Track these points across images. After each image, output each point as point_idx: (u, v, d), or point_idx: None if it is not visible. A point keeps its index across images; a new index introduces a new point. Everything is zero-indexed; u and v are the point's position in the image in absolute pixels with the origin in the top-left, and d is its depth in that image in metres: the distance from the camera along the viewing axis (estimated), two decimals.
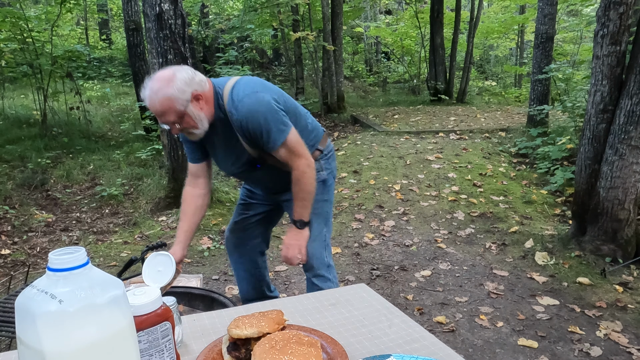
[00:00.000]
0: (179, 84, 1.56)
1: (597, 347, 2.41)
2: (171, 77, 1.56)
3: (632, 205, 3.23)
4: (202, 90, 1.63)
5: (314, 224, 1.94)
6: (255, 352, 0.84)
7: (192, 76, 1.60)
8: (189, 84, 1.58)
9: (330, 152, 2.01)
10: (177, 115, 1.59)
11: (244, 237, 2.17)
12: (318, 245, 1.97)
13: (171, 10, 4.05)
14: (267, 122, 1.64)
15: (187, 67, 1.65)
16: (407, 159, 5.76)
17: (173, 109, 1.57)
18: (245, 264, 2.22)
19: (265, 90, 1.70)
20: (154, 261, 1.49)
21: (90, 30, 15.02)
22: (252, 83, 1.70)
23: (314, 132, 1.93)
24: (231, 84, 1.70)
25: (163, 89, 1.55)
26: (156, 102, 1.56)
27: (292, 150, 1.71)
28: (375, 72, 15.70)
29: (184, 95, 1.57)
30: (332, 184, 2.03)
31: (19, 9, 6.20)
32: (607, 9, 3.18)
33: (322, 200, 1.95)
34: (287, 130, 1.69)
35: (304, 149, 1.75)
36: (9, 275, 3.31)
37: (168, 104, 1.56)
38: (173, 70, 1.59)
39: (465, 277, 3.25)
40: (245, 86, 1.68)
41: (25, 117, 7.13)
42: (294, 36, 8.54)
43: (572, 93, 6.18)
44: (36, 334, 0.57)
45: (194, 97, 1.60)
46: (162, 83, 1.55)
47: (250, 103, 1.63)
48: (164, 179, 4.85)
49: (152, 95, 1.56)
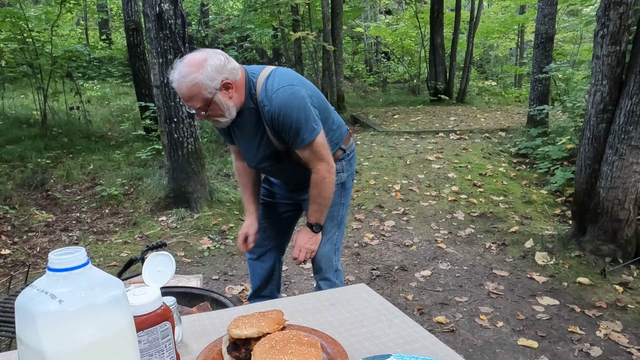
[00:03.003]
0: (209, 70, 1.50)
1: (597, 347, 2.41)
2: (201, 63, 1.50)
3: (632, 205, 3.23)
4: (233, 78, 1.56)
5: (326, 226, 1.92)
6: (255, 352, 0.84)
7: (224, 63, 1.54)
8: (219, 71, 1.52)
9: (352, 152, 1.96)
10: (204, 102, 1.54)
11: (266, 236, 2.14)
12: (329, 248, 1.95)
13: (171, 10, 4.05)
14: (299, 119, 1.58)
15: (221, 52, 1.57)
16: (407, 159, 5.75)
17: (200, 96, 1.52)
18: (264, 263, 2.18)
19: (302, 84, 1.63)
20: (154, 261, 1.49)
21: (90, 30, 15.02)
22: (288, 75, 1.63)
23: (339, 130, 1.87)
24: (266, 73, 1.63)
25: (192, 74, 1.49)
26: (184, 86, 1.51)
27: (316, 153, 1.67)
28: (375, 72, 15.71)
29: (213, 83, 1.51)
30: (351, 187, 1.99)
31: (19, 9, 6.20)
32: (607, 9, 3.18)
33: (339, 203, 1.92)
34: (317, 130, 1.63)
35: (329, 153, 1.71)
36: (9, 275, 3.31)
37: (196, 90, 1.51)
38: (205, 55, 1.52)
39: (465, 277, 3.25)
40: (281, 78, 1.61)
41: (25, 117, 7.13)
42: (294, 36, 8.54)
43: (572, 93, 6.18)
44: (36, 334, 0.57)
45: (224, 85, 1.54)
46: (192, 68, 1.49)
47: (285, 96, 1.56)
48: (164, 179, 4.85)
49: (180, 79, 1.51)
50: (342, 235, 2.01)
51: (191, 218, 4.30)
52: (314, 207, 1.79)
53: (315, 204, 1.78)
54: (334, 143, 1.84)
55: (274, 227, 2.13)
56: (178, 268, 3.35)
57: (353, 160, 1.98)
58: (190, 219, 4.27)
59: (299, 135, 1.61)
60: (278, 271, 2.26)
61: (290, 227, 2.23)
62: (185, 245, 3.83)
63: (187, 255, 3.65)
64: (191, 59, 1.52)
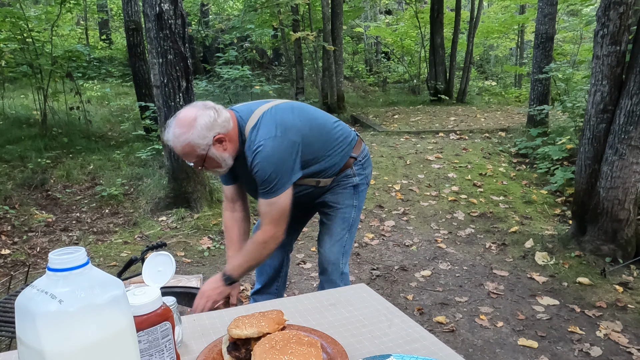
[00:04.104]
0: (200, 129, 1.53)
1: (597, 347, 2.41)
2: (192, 122, 1.53)
3: (632, 205, 3.23)
4: (225, 131, 1.58)
5: (336, 228, 1.90)
6: (255, 352, 0.84)
7: (214, 118, 1.55)
8: (210, 128, 1.54)
9: (364, 157, 1.94)
10: (199, 158, 1.58)
11: None
12: (337, 250, 1.93)
13: (171, 10, 4.05)
14: (271, 176, 1.60)
15: (211, 105, 1.59)
16: (407, 159, 5.76)
17: (195, 153, 1.57)
18: (273, 260, 2.17)
19: (286, 132, 1.62)
20: (154, 261, 1.49)
21: (90, 30, 15.01)
22: (274, 123, 1.62)
23: (345, 142, 1.85)
24: (254, 120, 1.64)
25: (183, 135, 1.53)
26: (178, 146, 1.56)
27: (272, 213, 1.66)
28: (375, 72, 15.70)
29: (205, 140, 1.54)
30: (365, 190, 1.96)
31: (19, 9, 6.20)
32: (607, 9, 3.17)
33: (350, 205, 1.91)
34: (282, 190, 1.63)
35: (283, 219, 1.68)
36: (9, 275, 3.31)
37: (189, 149, 1.55)
38: (195, 114, 1.54)
39: (465, 277, 3.25)
40: (265, 128, 1.61)
41: (25, 117, 7.12)
42: (294, 36, 8.54)
43: (572, 93, 6.18)
44: (36, 334, 0.57)
45: (216, 140, 1.57)
46: (183, 129, 1.53)
47: (264, 152, 1.58)
48: (164, 179, 4.85)
49: (174, 139, 1.55)
50: (352, 239, 1.98)
51: (191, 218, 4.30)
52: (238, 260, 1.71)
53: (242, 258, 1.71)
54: (343, 155, 1.84)
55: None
56: (178, 268, 3.35)
57: (367, 163, 1.96)
58: (190, 219, 4.27)
59: (266, 189, 1.63)
60: (285, 269, 2.25)
61: (299, 225, 2.21)
62: (185, 245, 3.83)
63: (187, 255, 3.65)
64: (182, 118, 1.55)
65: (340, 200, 1.90)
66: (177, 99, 4.21)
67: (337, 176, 1.87)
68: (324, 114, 1.89)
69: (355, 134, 1.96)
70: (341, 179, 1.88)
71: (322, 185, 1.86)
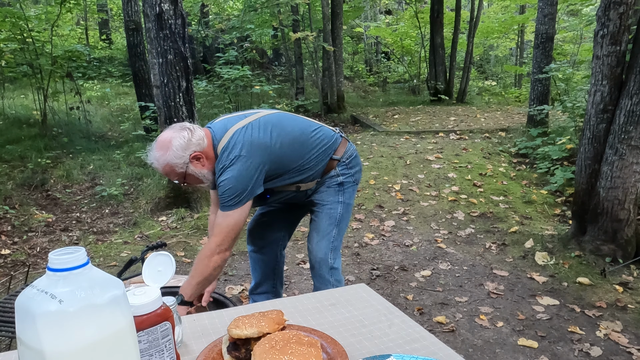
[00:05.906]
0: (175, 150, 1.64)
1: (597, 347, 2.41)
2: (168, 145, 1.64)
3: (632, 205, 3.23)
4: (200, 149, 1.68)
5: (324, 224, 1.94)
6: (255, 352, 0.84)
7: (188, 138, 1.65)
8: (185, 147, 1.65)
9: (349, 158, 1.96)
10: (180, 176, 1.70)
11: (268, 230, 2.16)
12: (325, 245, 1.95)
13: (171, 10, 4.05)
14: (230, 189, 1.67)
15: (186, 127, 1.69)
16: (407, 159, 5.76)
17: (174, 172, 1.68)
18: (265, 255, 2.20)
19: (252, 152, 1.69)
20: (154, 261, 1.49)
21: (90, 30, 15.02)
22: (242, 142, 1.69)
23: (324, 148, 1.89)
24: (227, 138, 1.72)
25: (162, 157, 1.65)
26: (159, 167, 1.68)
27: (223, 225, 1.69)
28: (375, 72, 15.70)
29: (182, 160, 1.65)
30: (352, 187, 1.99)
31: (19, 9, 6.20)
32: (607, 9, 3.17)
33: (336, 201, 1.95)
34: (239, 206, 1.69)
35: (233, 233, 1.71)
36: (9, 275, 3.31)
37: (169, 169, 1.67)
38: (171, 136, 1.65)
39: (465, 277, 3.25)
40: (234, 148, 1.69)
41: (25, 117, 7.12)
42: (294, 36, 8.54)
43: (572, 93, 6.18)
44: (36, 334, 0.57)
45: (193, 157, 1.67)
46: (161, 151, 1.64)
47: (229, 170, 1.68)
48: (164, 179, 4.85)
49: (155, 161, 1.67)
50: (341, 234, 2.00)
51: (191, 218, 4.30)
52: (188, 280, 1.70)
53: (190, 275, 1.71)
54: (323, 158, 1.89)
55: (274, 222, 2.16)
56: (178, 268, 3.35)
57: (353, 165, 1.98)
58: (190, 219, 4.27)
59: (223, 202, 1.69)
60: (281, 266, 2.27)
61: (292, 223, 2.25)
62: (185, 245, 3.83)
63: (187, 255, 3.65)
64: (160, 141, 1.66)
65: (325, 198, 1.95)
66: (177, 99, 4.22)
67: (321, 178, 1.93)
68: (304, 123, 1.92)
69: (339, 135, 1.98)
70: (325, 180, 1.94)
71: (305, 189, 1.92)
